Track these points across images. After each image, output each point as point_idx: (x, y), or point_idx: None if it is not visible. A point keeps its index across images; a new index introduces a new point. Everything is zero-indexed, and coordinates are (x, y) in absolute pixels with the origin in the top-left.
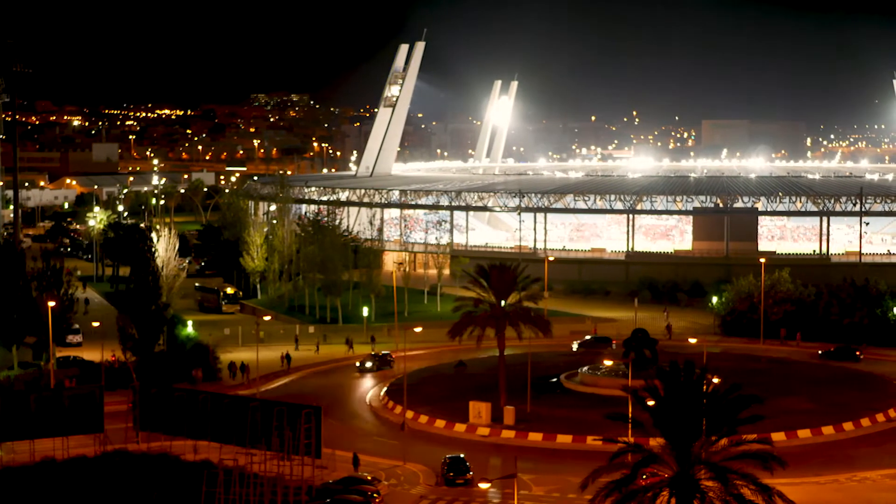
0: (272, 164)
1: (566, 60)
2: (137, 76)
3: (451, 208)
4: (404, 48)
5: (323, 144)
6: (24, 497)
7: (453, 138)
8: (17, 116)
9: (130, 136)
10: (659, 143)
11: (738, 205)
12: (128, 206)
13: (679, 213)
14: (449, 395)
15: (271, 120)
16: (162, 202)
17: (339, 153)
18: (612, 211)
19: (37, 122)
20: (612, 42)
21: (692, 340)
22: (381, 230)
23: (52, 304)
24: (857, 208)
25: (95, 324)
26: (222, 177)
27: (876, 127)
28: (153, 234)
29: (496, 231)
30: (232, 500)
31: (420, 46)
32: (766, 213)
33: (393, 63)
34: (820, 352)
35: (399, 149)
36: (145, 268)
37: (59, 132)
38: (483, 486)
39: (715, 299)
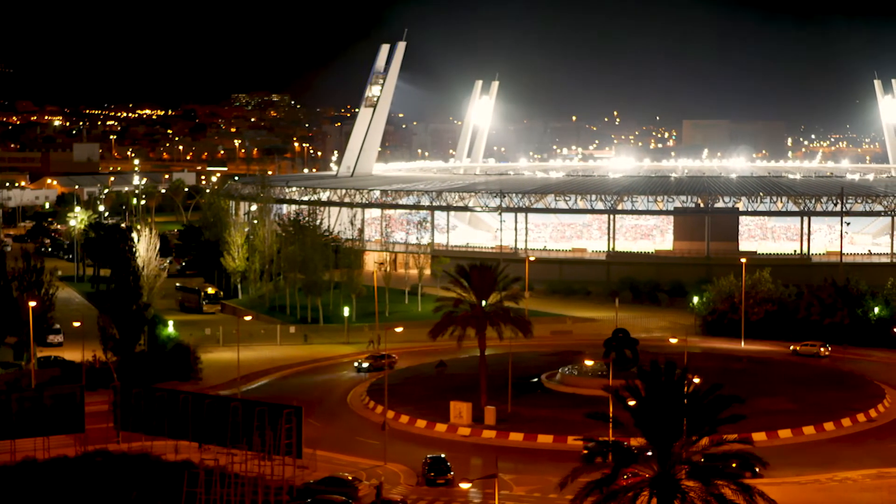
0: (253, 164)
1: (547, 60)
2: (118, 76)
3: (431, 208)
4: (385, 48)
5: (304, 144)
6: (5, 497)
7: (434, 138)
8: None
9: (111, 136)
10: (640, 143)
11: (719, 205)
12: (109, 207)
13: (660, 213)
14: (430, 395)
15: (252, 120)
16: (143, 202)
17: (319, 153)
18: (593, 211)
19: (17, 122)
20: (593, 42)
21: (673, 340)
22: (361, 230)
23: (32, 304)
24: (838, 208)
25: (76, 324)
26: (203, 177)
27: (857, 127)
28: (134, 235)
29: (477, 231)
30: (213, 501)
31: (401, 46)
32: (746, 213)
33: (374, 63)
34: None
35: (380, 149)
36: (126, 268)
37: (40, 132)
38: (464, 486)
39: (696, 299)
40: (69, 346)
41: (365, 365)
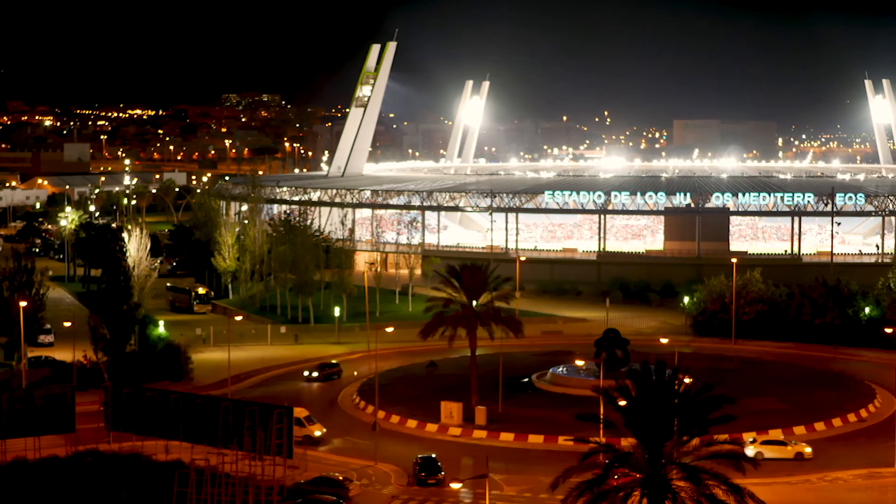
0: (244, 164)
1: (538, 60)
2: (109, 76)
3: (422, 208)
4: (376, 48)
5: (294, 144)
6: None
7: (425, 138)
8: None
9: (102, 137)
10: (630, 144)
11: (710, 205)
12: (99, 207)
13: (650, 213)
14: (420, 395)
15: (243, 120)
16: (133, 202)
17: (310, 153)
18: (584, 211)
19: (8, 122)
20: (584, 42)
21: (664, 340)
22: (352, 230)
23: (23, 304)
24: (829, 208)
25: (67, 324)
26: (194, 177)
27: (848, 127)
28: (125, 235)
29: (468, 231)
30: (203, 501)
31: (392, 47)
32: (737, 213)
33: (365, 63)
34: None
35: (371, 149)
36: (117, 268)
37: (31, 132)
38: (455, 486)
39: (686, 299)
40: (60, 346)
41: (314, 374)
